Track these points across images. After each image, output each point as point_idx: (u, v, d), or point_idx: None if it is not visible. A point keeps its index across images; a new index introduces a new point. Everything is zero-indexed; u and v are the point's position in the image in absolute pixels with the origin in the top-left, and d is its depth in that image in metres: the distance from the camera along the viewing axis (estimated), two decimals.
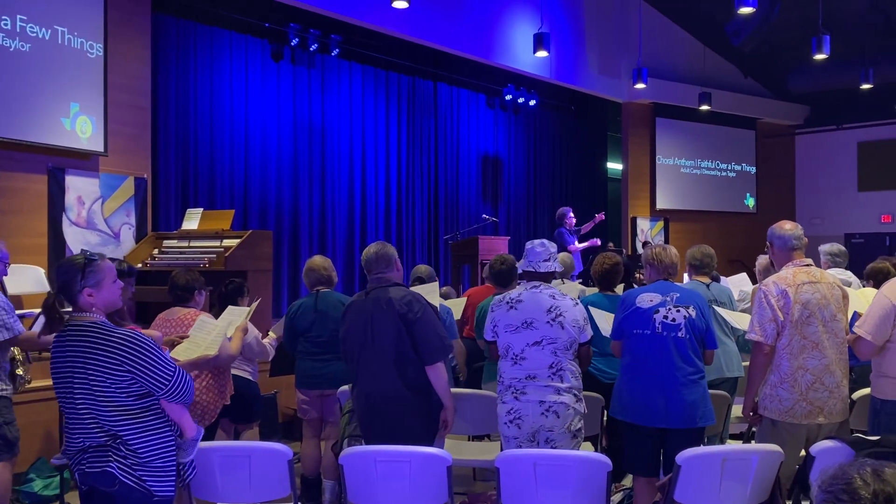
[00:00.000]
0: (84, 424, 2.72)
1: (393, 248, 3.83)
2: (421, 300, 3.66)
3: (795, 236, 3.71)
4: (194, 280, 4.35)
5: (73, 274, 2.74)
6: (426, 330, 3.58)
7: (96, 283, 2.77)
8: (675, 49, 13.60)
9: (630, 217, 13.60)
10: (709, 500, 3.13)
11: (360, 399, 3.75)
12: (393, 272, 3.76)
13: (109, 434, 2.70)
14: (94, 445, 2.71)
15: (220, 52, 9.02)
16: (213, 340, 3.91)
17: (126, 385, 2.70)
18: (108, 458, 2.70)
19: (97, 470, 2.70)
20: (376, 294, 3.68)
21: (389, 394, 3.61)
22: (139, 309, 6.80)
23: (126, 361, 2.68)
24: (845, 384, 3.62)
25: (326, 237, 10.16)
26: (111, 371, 2.68)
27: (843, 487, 1.53)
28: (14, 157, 6.52)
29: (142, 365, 2.70)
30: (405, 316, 3.57)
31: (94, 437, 2.71)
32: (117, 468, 2.69)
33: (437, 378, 3.61)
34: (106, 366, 2.68)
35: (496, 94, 12.49)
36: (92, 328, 2.73)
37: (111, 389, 2.69)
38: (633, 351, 3.79)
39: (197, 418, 4.17)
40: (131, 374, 2.69)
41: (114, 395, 2.69)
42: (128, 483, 2.70)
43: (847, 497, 1.52)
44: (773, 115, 14.92)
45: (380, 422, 3.66)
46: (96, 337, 2.71)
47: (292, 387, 5.03)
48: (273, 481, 3.24)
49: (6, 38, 6.29)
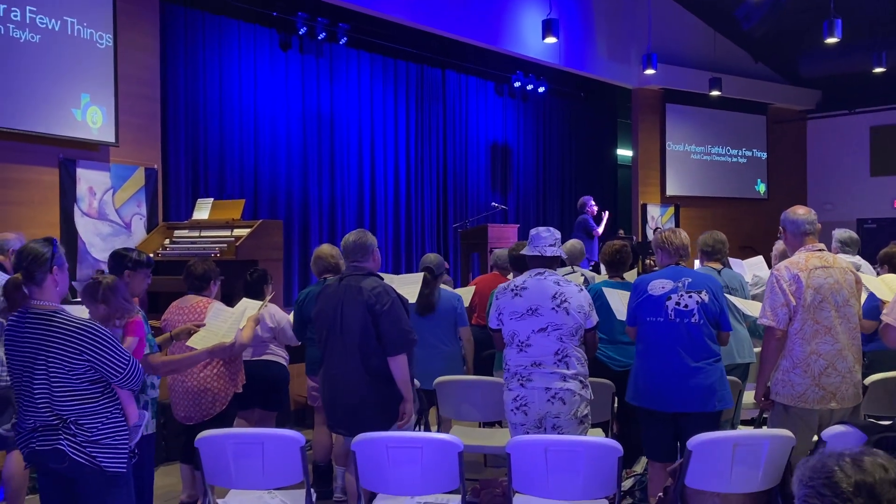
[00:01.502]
0: (36, 406, 2.81)
1: (373, 238, 3.86)
2: (390, 292, 3.69)
3: (808, 221, 3.69)
4: (211, 270, 4.44)
5: (42, 253, 2.81)
6: (391, 323, 3.61)
7: (61, 263, 2.88)
8: (685, 34, 13.50)
9: (640, 204, 13.54)
10: (720, 485, 3.13)
11: (325, 382, 3.83)
12: (369, 261, 3.79)
13: (59, 417, 2.79)
14: (42, 426, 2.80)
15: (228, 41, 9.02)
16: (229, 328, 3.95)
17: (82, 372, 2.80)
18: (58, 437, 2.79)
19: (48, 447, 2.80)
20: (349, 281, 3.74)
21: (352, 379, 3.67)
22: (150, 298, 6.84)
23: (85, 350, 2.79)
24: (858, 369, 3.60)
25: (336, 226, 10.17)
26: (70, 359, 2.78)
27: (823, 482, 1.52)
28: (26, 148, 6.56)
29: (100, 354, 2.81)
30: (373, 307, 3.61)
31: (44, 419, 2.80)
32: (67, 445, 2.78)
33: (397, 369, 3.65)
34: (66, 354, 2.78)
35: (505, 81, 12.43)
36: (53, 317, 2.82)
37: (68, 376, 2.79)
38: (647, 338, 3.78)
39: (208, 405, 4.21)
40: (89, 362, 2.80)
41: (70, 382, 2.79)
42: (77, 460, 2.79)
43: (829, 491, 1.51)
44: (784, 100, 14.80)
45: (342, 406, 3.72)
46: (57, 326, 2.79)
47: (303, 375, 5.07)
48: (286, 468, 3.27)
49: (16, 30, 6.31)
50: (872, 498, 1.49)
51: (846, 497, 1.49)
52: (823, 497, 1.51)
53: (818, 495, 1.52)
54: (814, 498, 1.52)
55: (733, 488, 3.13)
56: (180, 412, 4.31)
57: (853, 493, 1.49)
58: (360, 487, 3.31)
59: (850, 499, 1.49)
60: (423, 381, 4.55)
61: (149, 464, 3.54)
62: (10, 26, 6.27)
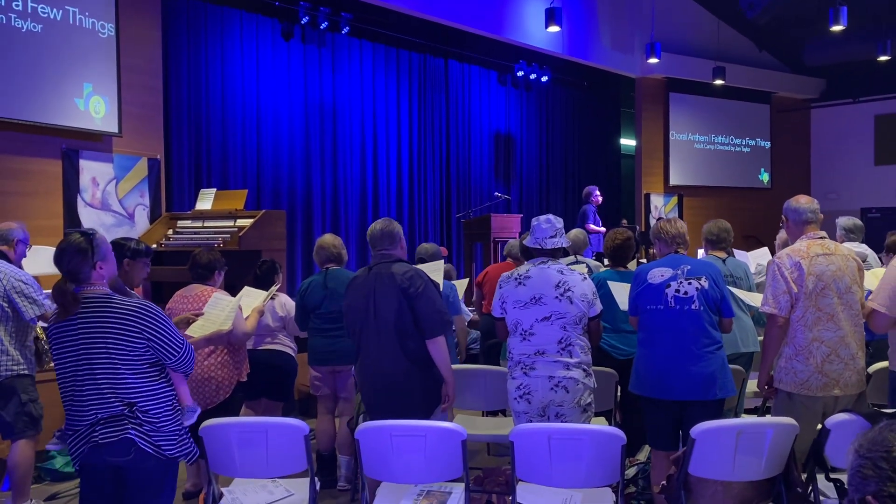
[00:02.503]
0: (102, 396, 2.76)
1: (399, 226, 3.86)
2: (423, 275, 3.70)
3: (811, 210, 3.69)
4: (216, 260, 4.45)
5: (83, 255, 2.79)
6: (427, 305, 3.61)
7: (103, 256, 2.85)
8: (688, 22, 13.43)
9: (644, 193, 13.52)
10: (723, 474, 3.13)
11: (363, 372, 3.81)
12: (397, 249, 3.79)
13: (126, 403, 2.76)
14: (107, 417, 2.75)
15: (230, 31, 8.99)
16: (227, 316, 3.96)
17: (142, 352, 2.78)
18: (125, 426, 2.75)
19: (114, 439, 2.74)
20: (379, 269, 3.72)
21: (391, 367, 3.66)
22: (154, 289, 6.85)
23: (145, 329, 2.78)
24: (861, 356, 3.60)
25: (339, 216, 10.17)
26: (130, 339, 2.76)
27: (882, 455, 1.50)
28: (29, 139, 6.56)
29: (158, 334, 2.81)
30: (406, 291, 3.61)
31: (111, 408, 2.76)
32: (136, 435, 2.75)
33: (437, 352, 3.66)
34: (126, 335, 2.75)
35: (508, 70, 12.39)
36: (105, 300, 2.80)
37: (131, 357, 2.76)
38: (648, 326, 3.78)
39: (212, 393, 4.23)
40: (148, 342, 2.78)
41: (133, 363, 2.77)
42: (144, 449, 2.76)
43: (887, 465, 1.49)
44: (788, 88, 14.73)
45: (382, 395, 3.71)
46: (112, 308, 2.78)
47: (306, 364, 5.08)
48: (290, 456, 3.28)
49: (18, 19, 6.30)
50: None
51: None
52: (880, 470, 1.50)
53: (874, 467, 1.50)
54: (868, 469, 1.51)
55: (736, 476, 3.13)
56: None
57: None
58: (363, 475, 3.32)
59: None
60: None
61: None
62: (12, 16, 6.26)
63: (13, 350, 4.11)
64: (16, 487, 4.17)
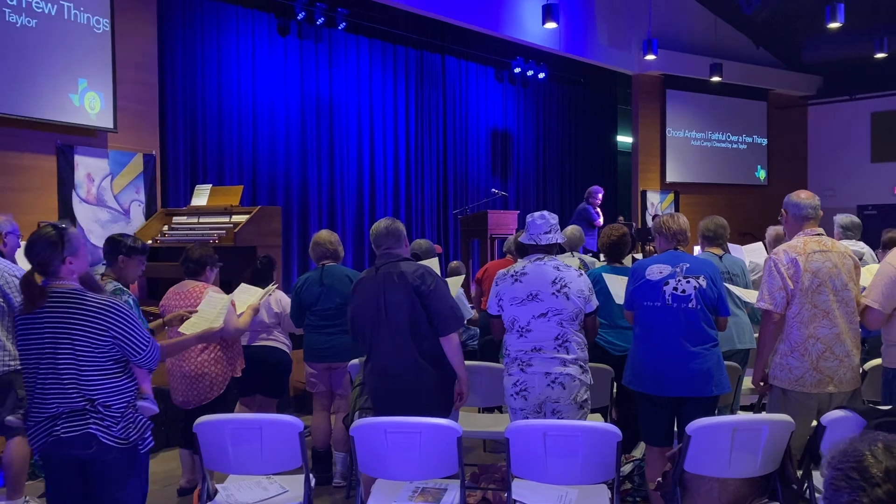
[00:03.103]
0: (64, 390, 2.76)
1: (402, 225, 3.83)
2: (433, 272, 3.67)
3: (811, 206, 3.68)
4: (207, 255, 4.43)
5: (52, 248, 2.78)
6: (440, 302, 3.59)
7: (74, 250, 2.82)
8: (685, 19, 13.42)
9: (640, 190, 13.53)
10: (719, 471, 3.13)
11: (374, 374, 3.74)
12: (401, 248, 3.76)
13: (87, 398, 2.76)
14: (68, 411, 2.75)
15: (226, 26, 8.96)
16: (218, 313, 3.94)
17: (107, 349, 2.78)
18: (87, 421, 2.75)
19: (75, 433, 2.75)
20: (387, 269, 3.68)
21: (406, 367, 3.62)
22: (149, 285, 6.84)
23: (111, 327, 2.77)
24: (856, 353, 3.60)
25: (336, 212, 10.15)
26: (95, 336, 2.75)
27: (853, 465, 1.48)
28: (23, 134, 6.54)
29: (124, 331, 2.79)
30: (419, 289, 3.57)
31: (73, 402, 2.76)
32: (97, 429, 2.75)
33: (451, 349, 3.63)
34: (90, 331, 2.75)
35: (505, 67, 12.38)
36: (73, 295, 2.78)
37: (94, 354, 2.76)
38: (645, 323, 3.78)
39: (205, 390, 4.22)
40: (114, 339, 2.78)
41: (97, 360, 2.76)
42: (106, 443, 2.76)
43: (858, 475, 1.47)
44: (785, 85, 14.74)
45: (397, 396, 3.65)
46: (79, 304, 2.76)
47: (302, 361, 5.07)
48: (284, 453, 3.26)
49: (12, 14, 6.27)
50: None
51: (875, 482, 1.45)
52: (852, 480, 1.48)
53: (846, 478, 1.49)
54: (841, 481, 1.49)
55: (732, 473, 3.13)
56: (178, 397, 4.31)
57: (883, 478, 1.45)
58: (358, 472, 3.31)
59: (879, 484, 1.45)
60: None
61: None
62: (7, 10, 6.23)
63: (10, 345, 4.09)
64: (10, 484, 4.17)
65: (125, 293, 3.62)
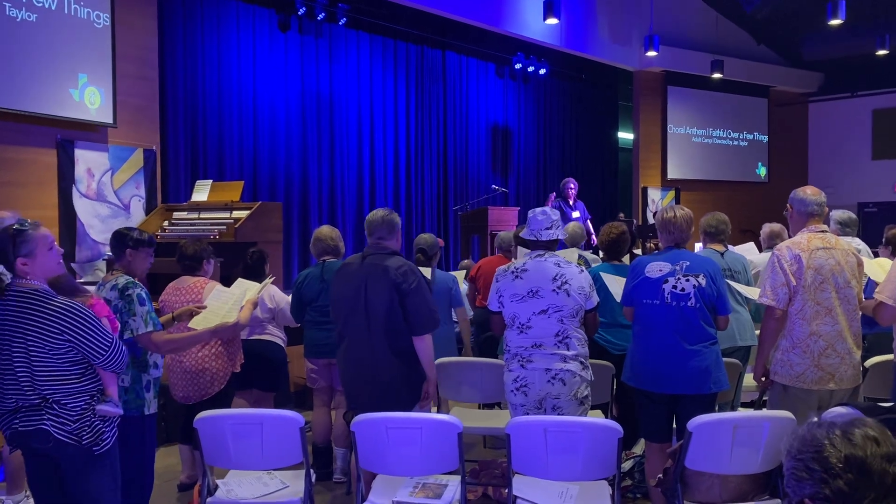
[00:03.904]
0: (20, 387, 2.78)
1: (398, 217, 3.83)
2: (416, 272, 3.68)
3: (817, 202, 3.68)
4: (202, 249, 4.42)
5: (5, 244, 2.77)
6: (418, 301, 3.59)
7: (28, 252, 2.79)
8: (687, 16, 13.40)
9: (641, 187, 13.51)
10: (720, 467, 3.13)
11: (346, 362, 3.77)
12: (392, 241, 3.76)
13: (42, 396, 2.77)
14: (26, 406, 2.78)
15: (227, 22, 8.95)
16: (230, 309, 3.94)
17: (63, 352, 2.77)
18: (42, 417, 2.77)
19: (31, 428, 2.78)
20: (373, 260, 3.70)
21: (377, 360, 3.64)
22: (149, 280, 6.82)
23: (65, 330, 2.75)
24: (857, 351, 3.60)
25: (336, 208, 10.15)
26: (50, 339, 2.75)
27: (813, 456, 1.47)
28: (23, 129, 6.53)
29: (80, 334, 2.77)
30: (399, 286, 3.58)
31: (28, 398, 2.78)
32: (51, 426, 2.77)
33: (423, 349, 3.65)
34: (45, 333, 2.74)
35: (506, 62, 12.36)
36: (33, 295, 2.78)
37: (48, 356, 2.76)
38: (644, 320, 3.77)
39: (206, 385, 4.21)
40: (70, 342, 2.77)
41: (50, 362, 2.77)
42: (62, 439, 2.78)
43: (819, 466, 1.45)
44: (786, 82, 14.71)
45: (365, 386, 3.69)
46: (36, 305, 2.76)
47: (303, 356, 5.07)
48: (285, 448, 3.26)
49: (12, 8, 6.25)
50: (863, 474, 1.44)
51: (835, 473, 1.44)
52: (812, 472, 1.46)
53: (807, 469, 1.47)
54: (802, 472, 1.48)
55: (733, 470, 3.13)
56: (179, 392, 4.31)
57: (843, 468, 1.44)
58: (359, 468, 3.31)
59: (840, 475, 1.44)
60: None
61: (150, 444, 3.53)
62: (7, 5, 6.21)
63: None
64: (10, 479, 4.17)
65: (137, 286, 3.61)
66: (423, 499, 3.29)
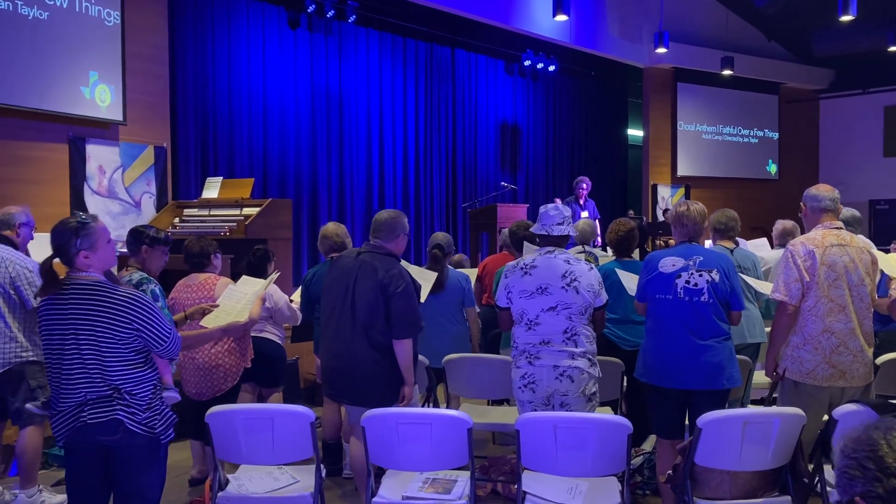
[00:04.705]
0: (91, 378, 2.80)
1: (406, 221, 3.84)
2: (405, 277, 3.68)
3: (830, 198, 3.66)
4: (207, 245, 4.45)
5: (68, 237, 2.81)
6: (402, 306, 3.61)
7: (90, 245, 2.84)
8: (697, 12, 13.34)
9: (651, 184, 13.47)
10: (730, 464, 3.12)
11: (328, 352, 3.81)
12: (392, 243, 3.77)
13: (113, 386, 2.80)
14: (95, 398, 2.79)
15: (237, 19, 8.97)
16: (243, 307, 3.96)
17: (130, 341, 2.81)
18: (113, 407, 2.79)
19: (103, 419, 2.79)
20: (365, 258, 3.72)
21: (357, 354, 3.66)
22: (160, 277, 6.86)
23: (134, 319, 2.80)
24: (868, 349, 3.58)
25: (345, 205, 10.16)
26: (119, 328, 2.79)
27: (868, 454, 1.47)
28: (35, 126, 6.57)
29: (146, 323, 2.83)
30: (386, 288, 3.60)
31: (98, 390, 2.79)
32: (124, 416, 2.79)
33: (401, 352, 3.65)
34: (114, 323, 2.78)
35: (515, 59, 12.34)
36: (96, 287, 2.82)
37: (118, 345, 2.79)
38: (656, 315, 3.77)
39: (220, 381, 4.24)
40: (136, 331, 2.81)
41: (120, 351, 2.80)
42: (132, 429, 2.80)
43: (873, 465, 1.46)
44: (797, 79, 14.64)
45: (346, 378, 3.71)
46: (102, 296, 2.80)
47: (312, 353, 5.08)
48: (296, 443, 3.28)
49: (24, 6, 6.29)
50: None
51: (890, 472, 1.44)
52: (866, 470, 1.47)
53: (860, 468, 1.48)
54: (855, 470, 1.48)
55: (743, 466, 3.13)
56: (191, 389, 4.33)
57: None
58: (369, 463, 3.33)
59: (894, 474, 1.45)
60: (430, 359, 4.56)
61: None
62: (19, 3, 6.25)
63: (21, 337, 4.12)
64: (23, 473, 4.20)
65: (151, 282, 3.64)
66: (432, 494, 3.30)
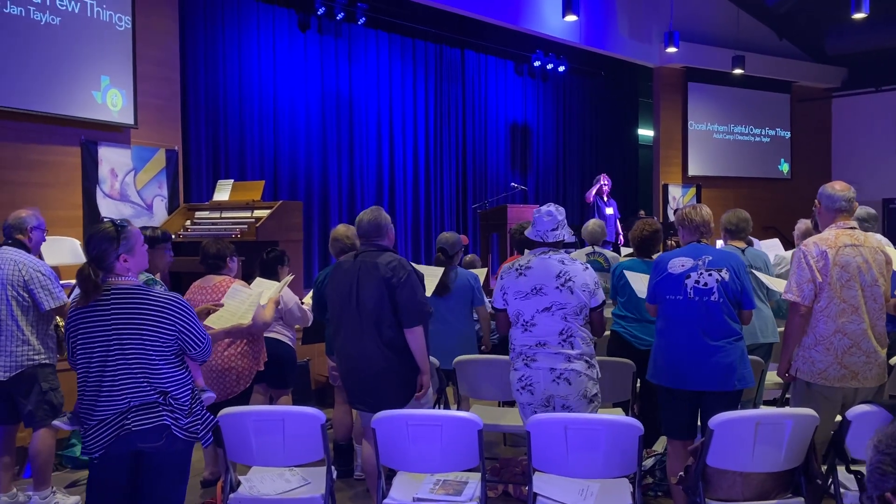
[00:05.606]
0: (137, 384, 2.79)
1: (386, 215, 3.84)
2: (406, 266, 3.69)
3: (845, 198, 3.62)
4: (224, 247, 4.45)
5: (108, 243, 2.83)
6: (408, 294, 3.61)
7: (129, 248, 2.87)
8: (707, 11, 13.29)
9: (662, 184, 13.43)
10: (742, 465, 3.11)
11: (342, 358, 3.83)
12: (384, 240, 3.78)
13: (160, 391, 2.82)
14: (140, 404, 2.79)
15: (247, 22, 9.01)
16: (246, 309, 3.97)
17: (171, 344, 2.85)
18: (160, 413, 2.80)
19: (149, 425, 2.78)
20: (364, 258, 3.73)
21: (369, 354, 3.66)
22: (172, 279, 6.90)
23: (176, 322, 2.84)
24: (881, 350, 3.55)
25: (356, 206, 10.18)
26: (164, 332, 2.82)
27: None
28: (48, 130, 6.62)
29: (185, 325, 2.87)
30: (389, 280, 3.61)
31: (146, 395, 2.79)
32: (170, 420, 2.81)
33: (414, 341, 3.65)
34: (159, 327, 2.81)
35: (524, 60, 12.33)
36: (137, 291, 2.85)
37: (163, 349, 2.83)
38: (667, 316, 3.75)
39: (232, 383, 4.25)
40: (179, 333, 2.85)
41: (165, 354, 2.83)
42: (177, 434, 2.82)
43: None
44: (809, 78, 14.55)
45: (361, 381, 3.72)
46: (145, 300, 2.83)
47: (324, 354, 5.09)
48: (307, 445, 3.29)
49: (36, 12, 6.35)
50: None
51: None
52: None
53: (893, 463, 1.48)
54: (888, 465, 1.48)
55: (755, 468, 3.11)
56: None
57: None
58: (379, 464, 3.33)
59: None
60: (439, 360, 4.55)
61: None
62: (31, 8, 6.30)
63: (34, 339, 4.14)
64: (37, 475, 4.22)
65: (157, 283, 3.65)
66: (443, 496, 3.30)
